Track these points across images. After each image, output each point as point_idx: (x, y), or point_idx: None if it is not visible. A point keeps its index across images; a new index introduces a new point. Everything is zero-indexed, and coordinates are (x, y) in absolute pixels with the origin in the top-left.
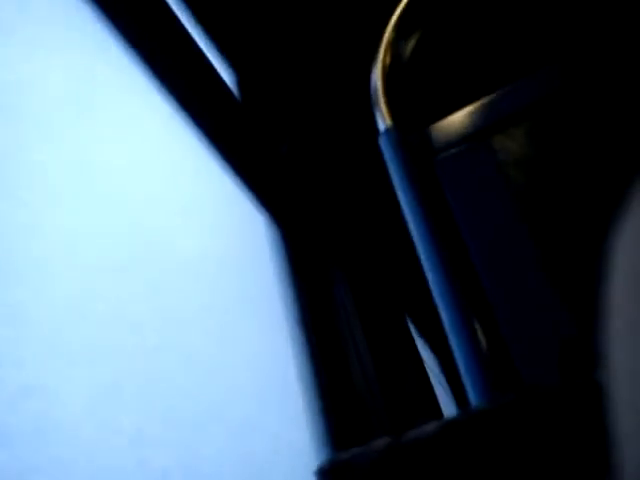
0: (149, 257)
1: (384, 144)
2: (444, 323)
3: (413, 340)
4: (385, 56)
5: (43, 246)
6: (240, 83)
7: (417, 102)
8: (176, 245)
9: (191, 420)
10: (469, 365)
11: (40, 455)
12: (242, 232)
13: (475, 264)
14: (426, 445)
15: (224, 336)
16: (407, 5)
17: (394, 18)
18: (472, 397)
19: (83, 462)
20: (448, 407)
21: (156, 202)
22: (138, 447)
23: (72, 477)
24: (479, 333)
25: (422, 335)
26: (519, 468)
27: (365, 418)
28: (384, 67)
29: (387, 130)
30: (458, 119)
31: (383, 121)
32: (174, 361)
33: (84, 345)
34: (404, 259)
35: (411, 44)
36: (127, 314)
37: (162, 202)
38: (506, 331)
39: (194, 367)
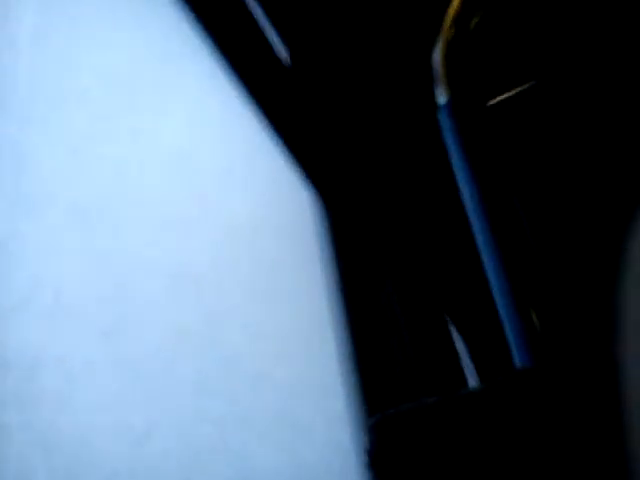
0: (207, 219)
1: (443, 119)
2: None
3: (447, 323)
4: (449, 29)
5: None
6: (293, 57)
7: (478, 78)
8: (230, 210)
9: (245, 376)
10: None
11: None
12: (289, 204)
13: (532, 243)
14: (476, 399)
15: (270, 301)
16: None
17: None
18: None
19: (148, 400)
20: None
21: (215, 170)
22: (199, 396)
23: (139, 411)
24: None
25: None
26: (561, 428)
27: (399, 390)
28: (447, 41)
29: (447, 105)
30: (517, 97)
31: (443, 96)
32: (229, 322)
33: (149, 294)
34: (452, 242)
35: (475, 20)
36: (188, 270)
37: (219, 170)
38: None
39: (244, 328)
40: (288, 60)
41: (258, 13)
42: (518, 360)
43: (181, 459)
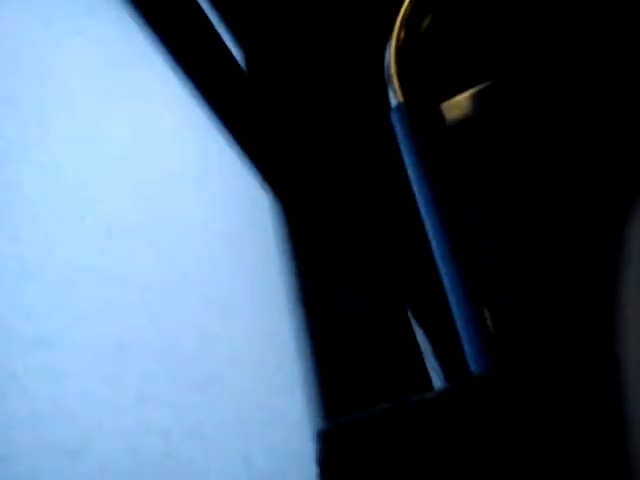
0: (158, 224)
1: (396, 120)
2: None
3: (410, 322)
4: (400, 31)
5: (57, 204)
6: (248, 60)
7: (430, 80)
8: (183, 214)
9: (193, 383)
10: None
11: (47, 403)
12: (247, 207)
13: (484, 243)
14: (428, 407)
15: (226, 305)
16: None
17: None
18: (472, 367)
19: (87, 415)
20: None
21: (167, 173)
22: (142, 406)
23: (75, 427)
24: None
25: (418, 320)
26: (518, 434)
27: (360, 392)
28: (398, 43)
29: (399, 106)
30: (470, 98)
31: (395, 97)
32: (178, 325)
33: (91, 303)
34: (409, 242)
35: (426, 21)
36: (135, 277)
37: (171, 173)
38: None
39: (196, 332)
40: (244, 63)
41: (213, 16)
42: (474, 365)
43: (120, 473)
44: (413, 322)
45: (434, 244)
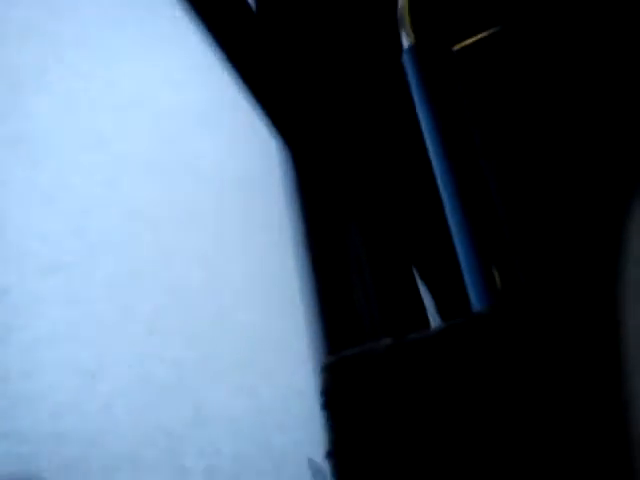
0: (169, 162)
1: (407, 62)
2: (450, 224)
3: (413, 273)
4: None
5: (72, 134)
6: (258, 3)
7: (443, 22)
8: (194, 155)
9: (202, 318)
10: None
11: (64, 325)
12: (255, 152)
13: (492, 189)
14: (429, 343)
15: (234, 245)
16: None
17: None
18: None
19: (102, 341)
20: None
21: (179, 114)
22: (153, 336)
23: (91, 351)
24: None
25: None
26: (517, 372)
27: (363, 333)
28: None
29: (411, 48)
30: (484, 41)
31: (408, 39)
32: (187, 261)
33: (104, 232)
34: (416, 186)
35: None
36: (145, 211)
37: (183, 114)
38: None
39: (206, 269)
40: (254, 7)
41: None
42: (475, 305)
43: (133, 397)
44: (415, 268)
45: (441, 185)
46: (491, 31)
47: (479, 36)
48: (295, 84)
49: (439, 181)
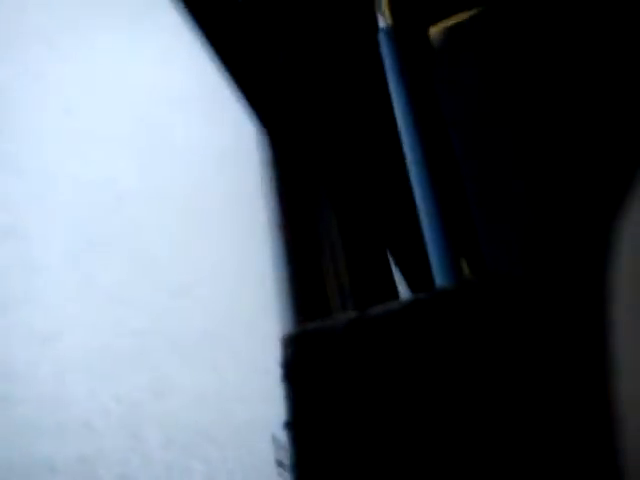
0: (140, 136)
1: (384, 42)
2: (419, 208)
3: (384, 248)
4: None
5: (41, 104)
6: None
7: (419, 3)
8: (167, 131)
9: (167, 291)
10: (438, 247)
11: (21, 292)
12: (231, 132)
13: (461, 167)
14: (389, 318)
15: (205, 221)
16: None
17: None
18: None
19: (59, 307)
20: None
21: (154, 90)
22: (114, 306)
23: (48, 317)
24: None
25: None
26: (478, 348)
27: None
28: None
29: (387, 29)
30: (458, 23)
31: (385, 20)
32: (153, 233)
33: (68, 202)
34: (388, 167)
35: None
36: (113, 182)
37: (158, 90)
38: (478, 221)
39: (173, 242)
40: None
41: None
42: (439, 281)
43: (89, 366)
44: (387, 248)
45: (411, 164)
46: (469, 13)
47: (456, 18)
48: (272, 65)
49: (411, 165)
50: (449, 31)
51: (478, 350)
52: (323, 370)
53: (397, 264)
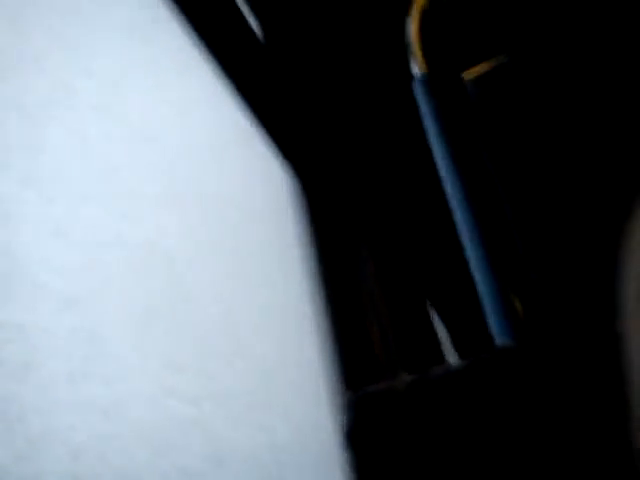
0: (179, 194)
1: (419, 90)
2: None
3: (426, 304)
4: (421, 1)
5: (85, 167)
6: (265, 29)
7: (452, 49)
8: (206, 187)
9: (219, 354)
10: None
11: (81, 363)
12: (265, 182)
13: (509, 216)
14: (452, 379)
15: (248, 279)
16: None
17: None
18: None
19: (119, 378)
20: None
21: (189, 147)
22: (169, 373)
23: (109, 389)
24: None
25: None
26: (544, 408)
27: (378, 368)
28: (421, 11)
29: (422, 76)
30: (492, 68)
31: (418, 67)
32: (203, 299)
33: (119, 267)
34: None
35: None
36: (160, 245)
37: (189, 144)
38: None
39: (222, 303)
40: (261, 32)
41: None
42: (498, 340)
43: (152, 436)
44: (430, 304)
45: (460, 223)
46: (500, 59)
47: (489, 64)
48: (306, 114)
49: (455, 210)
50: (482, 77)
51: (542, 410)
52: (388, 434)
53: (441, 315)
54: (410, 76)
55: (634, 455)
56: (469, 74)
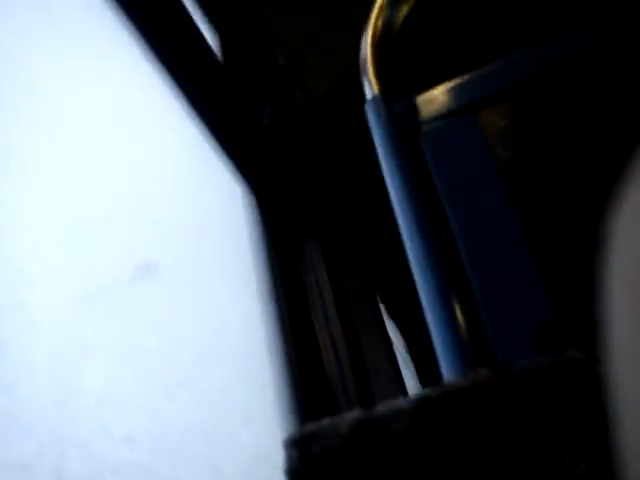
0: (124, 214)
1: (371, 112)
2: (422, 298)
3: (383, 319)
4: (376, 22)
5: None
6: (223, 46)
7: (405, 71)
8: (152, 204)
9: (158, 387)
10: (444, 341)
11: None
12: (219, 199)
13: (457, 241)
14: (398, 418)
15: (193, 304)
16: None
17: None
18: (446, 374)
19: (42, 424)
20: (413, 388)
21: (135, 162)
22: (103, 408)
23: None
24: (457, 309)
25: (391, 316)
26: (493, 446)
27: (333, 394)
28: (374, 34)
29: (374, 98)
30: (446, 91)
31: (371, 89)
32: (142, 325)
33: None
34: (382, 236)
35: (403, 11)
36: (96, 271)
37: (140, 162)
38: (484, 310)
39: (162, 334)
40: (219, 49)
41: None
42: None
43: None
44: (387, 320)
45: (405, 238)
46: (456, 80)
47: (442, 85)
48: (260, 131)
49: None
50: (435, 99)
51: (491, 455)
52: (329, 476)
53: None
54: (362, 96)
55: None
56: (422, 97)
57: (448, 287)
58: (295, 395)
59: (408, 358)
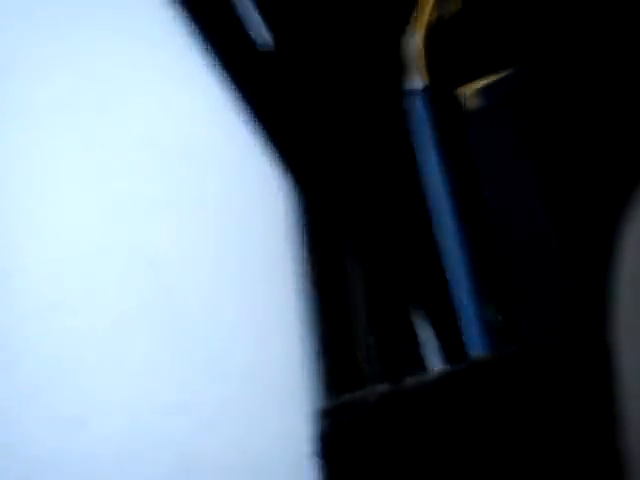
0: (172, 199)
1: (419, 103)
2: (448, 278)
3: (413, 314)
4: (428, 14)
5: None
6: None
7: (455, 63)
8: (198, 192)
9: (197, 360)
10: (473, 324)
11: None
12: (261, 191)
13: (494, 233)
14: (427, 391)
15: (234, 284)
16: None
17: None
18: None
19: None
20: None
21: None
22: (146, 379)
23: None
24: (487, 293)
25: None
26: (517, 421)
27: (361, 381)
28: (427, 24)
29: (424, 89)
30: (492, 83)
31: (420, 80)
32: (187, 302)
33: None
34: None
35: (455, 3)
36: (146, 250)
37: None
38: (513, 291)
39: (205, 310)
40: (269, 45)
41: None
42: (473, 349)
43: (118, 445)
44: (416, 315)
45: (443, 233)
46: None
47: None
48: (305, 124)
49: (439, 220)
50: (481, 91)
51: (515, 423)
52: (358, 446)
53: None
54: (402, 91)
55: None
56: (469, 89)
57: (477, 269)
58: (324, 377)
59: (436, 342)
